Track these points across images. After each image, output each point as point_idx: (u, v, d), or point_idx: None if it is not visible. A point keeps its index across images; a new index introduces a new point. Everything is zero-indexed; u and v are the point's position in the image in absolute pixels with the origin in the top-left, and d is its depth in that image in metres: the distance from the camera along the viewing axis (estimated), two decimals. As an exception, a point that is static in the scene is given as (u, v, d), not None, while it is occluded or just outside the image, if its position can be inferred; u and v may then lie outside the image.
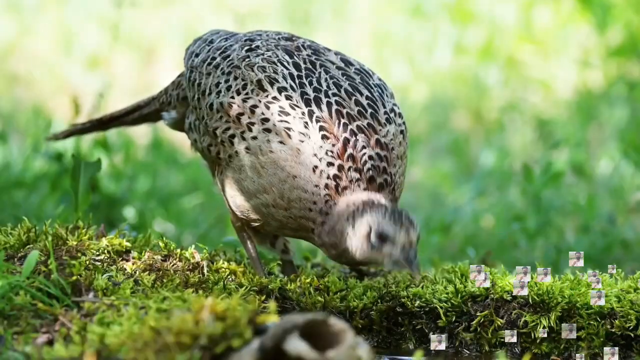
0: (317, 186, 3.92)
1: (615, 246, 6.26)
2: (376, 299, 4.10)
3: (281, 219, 4.00)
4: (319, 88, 4.01)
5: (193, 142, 4.28)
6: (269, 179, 3.96)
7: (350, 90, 4.03)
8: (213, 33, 4.39)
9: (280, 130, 3.95)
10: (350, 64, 4.15)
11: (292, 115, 3.95)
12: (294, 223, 3.99)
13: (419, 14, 10.64)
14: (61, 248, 4.02)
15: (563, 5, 10.20)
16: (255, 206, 4.04)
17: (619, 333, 4.00)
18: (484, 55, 10.09)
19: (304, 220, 3.96)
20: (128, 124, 4.81)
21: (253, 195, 4.01)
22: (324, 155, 3.93)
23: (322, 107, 3.97)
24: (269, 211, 4.01)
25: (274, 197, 3.97)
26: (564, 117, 9.28)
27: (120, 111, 4.75)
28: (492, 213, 7.14)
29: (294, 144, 3.94)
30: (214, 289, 4.01)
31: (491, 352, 4.02)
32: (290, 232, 4.07)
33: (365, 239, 3.87)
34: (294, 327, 3.19)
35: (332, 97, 3.99)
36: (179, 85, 4.46)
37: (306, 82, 4.02)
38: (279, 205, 3.98)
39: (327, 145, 3.94)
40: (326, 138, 3.94)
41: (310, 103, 3.97)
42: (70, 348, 3.42)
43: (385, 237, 3.86)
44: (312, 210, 3.94)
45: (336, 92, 4.01)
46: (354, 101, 4.01)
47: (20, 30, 10.40)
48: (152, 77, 10.21)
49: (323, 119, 3.95)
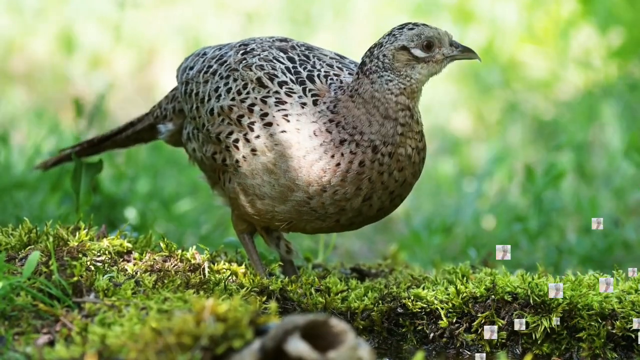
0: (324, 142, 3.92)
1: (616, 247, 6.26)
2: (377, 300, 4.10)
3: (334, 199, 3.94)
4: (312, 69, 4.06)
5: (192, 152, 4.28)
6: (287, 175, 3.95)
7: (342, 67, 4.10)
8: (204, 48, 4.42)
9: (279, 118, 3.96)
10: (344, 57, 4.22)
11: (290, 103, 3.98)
12: (348, 188, 3.95)
13: (420, 14, 10.64)
14: (62, 249, 4.02)
15: (564, 6, 10.20)
16: (290, 210, 3.99)
17: (620, 334, 4.00)
18: (485, 56, 10.08)
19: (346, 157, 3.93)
20: (121, 143, 4.72)
21: (282, 200, 3.98)
22: (318, 114, 3.95)
23: (315, 80, 4.02)
24: (312, 206, 3.97)
25: (304, 190, 3.94)
26: (565, 118, 9.28)
27: (112, 131, 4.69)
28: (493, 214, 7.14)
29: (292, 125, 3.94)
30: (215, 289, 4.01)
31: (492, 353, 4.02)
32: (352, 200, 3.95)
33: (407, 64, 3.92)
34: (295, 327, 3.19)
35: (323, 72, 4.05)
36: (174, 99, 4.46)
37: (301, 69, 4.06)
38: (316, 193, 3.95)
39: (320, 106, 3.97)
40: (317, 102, 3.97)
41: (304, 82, 4.01)
42: (71, 349, 3.43)
43: (430, 41, 3.93)
44: (333, 155, 3.92)
45: (327, 69, 4.07)
46: (346, 71, 4.08)
47: (21, 30, 10.40)
48: (152, 77, 10.22)
49: (316, 89, 3.98)
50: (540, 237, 6.27)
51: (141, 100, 9.36)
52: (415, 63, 3.95)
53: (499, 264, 4.72)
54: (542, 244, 6.28)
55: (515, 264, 5.89)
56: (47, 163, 4.83)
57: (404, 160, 3.94)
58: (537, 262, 5.02)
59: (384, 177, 3.93)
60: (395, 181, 3.95)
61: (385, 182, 3.93)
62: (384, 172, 3.92)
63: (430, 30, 3.95)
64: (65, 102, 9.25)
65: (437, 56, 3.96)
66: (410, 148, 3.95)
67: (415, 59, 3.95)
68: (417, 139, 3.98)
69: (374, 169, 3.91)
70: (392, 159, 3.92)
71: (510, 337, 4.05)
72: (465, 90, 9.91)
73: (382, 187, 3.93)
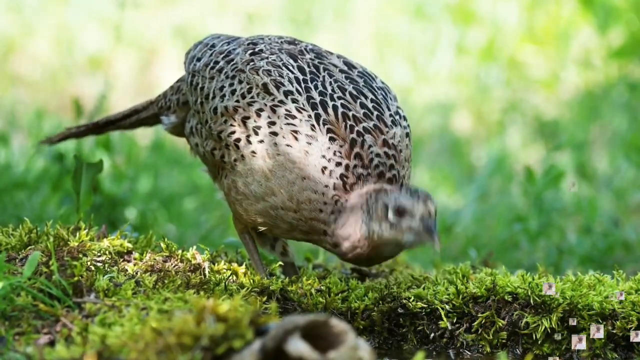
0: (326, 186, 3.92)
1: (617, 247, 6.26)
2: (377, 300, 4.10)
3: (291, 222, 4.00)
4: (324, 92, 4.02)
5: (194, 146, 4.29)
6: (277, 182, 3.96)
7: (355, 94, 4.04)
8: (214, 37, 4.39)
9: (287, 133, 3.95)
10: (352, 67, 4.16)
11: (299, 118, 3.96)
12: (305, 225, 3.98)
13: (421, 15, 10.64)
14: (62, 249, 4.02)
15: (564, 6, 10.20)
16: (263, 209, 4.03)
17: (620, 334, 4.00)
18: (485, 56, 10.08)
19: (315, 222, 3.95)
20: (125, 127, 4.77)
21: (261, 199, 4.01)
22: (332, 156, 3.93)
23: (329, 111, 3.98)
24: (278, 214, 4.00)
25: (283, 200, 3.97)
26: (566, 118, 9.28)
27: (117, 115, 4.73)
28: (494, 214, 7.14)
29: (301, 146, 3.94)
30: (215, 290, 4.01)
31: (492, 354, 4.02)
32: (301, 235, 4.05)
33: (383, 219, 3.85)
34: (295, 328, 3.19)
35: (338, 101, 4.00)
36: (178, 90, 4.46)
37: (311, 85, 4.03)
38: (288, 208, 3.97)
39: (334, 147, 3.94)
40: (333, 140, 3.94)
41: (316, 107, 3.97)
42: (71, 349, 3.42)
43: (403, 210, 3.84)
44: (322, 212, 3.93)
45: (341, 95, 4.02)
46: (359, 104, 4.01)
47: (22, 31, 10.40)
48: (153, 77, 10.21)
49: (330, 122, 3.96)
50: (540, 238, 6.27)
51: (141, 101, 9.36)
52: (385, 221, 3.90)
53: (499, 264, 4.72)
54: (543, 244, 6.28)
55: (515, 264, 5.89)
56: (53, 139, 4.88)
57: (374, 259, 4.02)
58: (538, 263, 5.03)
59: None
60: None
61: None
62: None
63: (408, 201, 3.86)
64: (65, 102, 9.25)
65: (404, 224, 3.87)
66: (384, 257, 4.00)
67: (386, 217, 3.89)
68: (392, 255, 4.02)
69: (333, 238, 3.97)
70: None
71: (510, 338, 4.05)
72: (465, 90, 9.91)
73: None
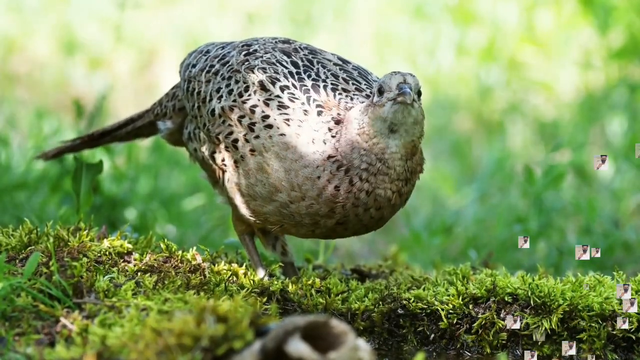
0: (315, 152, 3.92)
1: (617, 248, 6.26)
2: (377, 301, 4.10)
3: (308, 212, 3.97)
4: (317, 78, 4.06)
5: (193, 152, 4.29)
6: (276, 175, 3.96)
7: (348, 79, 4.08)
8: (208, 45, 4.42)
9: (280, 122, 3.96)
10: (347, 62, 4.20)
11: (292, 108, 3.98)
12: (322, 207, 3.94)
13: (421, 15, 10.63)
14: (62, 249, 4.02)
15: (565, 7, 10.20)
16: (274, 210, 4.01)
17: (620, 335, 4.00)
18: (485, 57, 10.08)
19: (324, 192, 3.92)
20: (120, 138, 4.76)
21: (268, 200, 4.00)
22: (320, 124, 3.94)
23: (320, 91, 4.01)
24: (291, 211, 3.98)
25: (288, 192, 3.96)
26: (566, 119, 9.28)
27: (112, 125, 4.72)
28: (494, 215, 7.14)
29: (292, 130, 3.95)
30: (215, 290, 4.01)
31: (492, 354, 4.02)
32: (329, 221, 3.96)
33: (370, 106, 3.88)
34: (296, 328, 3.19)
35: (330, 83, 4.04)
36: (174, 97, 4.47)
37: (305, 76, 4.06)
38: (295, 198, 3.96)
39: (323, 117, 3.96)
40: (321, 113, 3.96)
41: (308, 91, 4.00)
42: (71, 349, 3.42)
43: (382, 87, 3.88)
44: (320, 178, 3.91)
45: (334, 80, 4.05)
46: (353, 87, 4.05)
47: (22, 31, 10.40)
48: (153, 78, 10.21)
49: (320, 100, 3.98)
50: (540, 238, 6.27)
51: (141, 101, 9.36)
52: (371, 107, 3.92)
53: (499, 265, 4.72)
54: (543, 245, 6.28)
55: (515, 265, 5.89)
56: (48, 154, 4.87)
57: (383, 201, 3.94)
58: (538, 263, 5.03)
59: (359, 210, 3.94)
60: (370, 217, 3.96)
61: (359, 216, 3.95)
62: (359, 206, 3.93)
63: (385, 78, 3.90)
64: (65, 103, 9.25)
65: (384, 99, 3.90)
66: (391, 192, 3.95)
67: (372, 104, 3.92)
68: (400, 185, 3.96)
69: (349, 200, 3.92)
70: (369, 197, 3.92)
71: (510, 338, 4.05)
72: (465, 91, 9.91)
73: (356, 219, 3.95)
